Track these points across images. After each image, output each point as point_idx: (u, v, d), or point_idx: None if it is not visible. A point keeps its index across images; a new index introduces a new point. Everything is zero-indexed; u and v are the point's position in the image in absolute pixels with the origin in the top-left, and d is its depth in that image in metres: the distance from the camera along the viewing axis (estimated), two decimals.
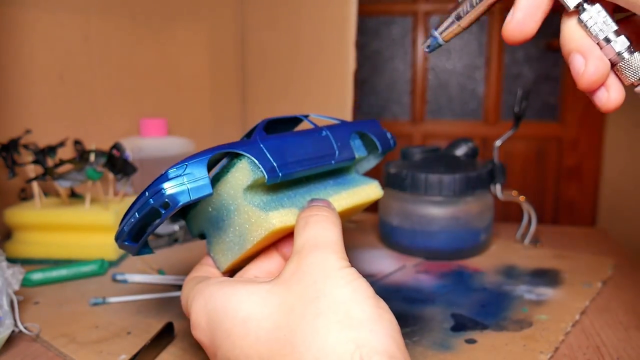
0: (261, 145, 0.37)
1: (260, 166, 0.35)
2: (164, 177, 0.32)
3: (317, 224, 0.33)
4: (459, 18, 0.30)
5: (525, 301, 0.51)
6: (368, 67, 1.77)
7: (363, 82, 1.78)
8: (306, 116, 0.43)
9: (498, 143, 0.67)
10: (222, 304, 0.31)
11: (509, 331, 0.44)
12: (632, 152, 1.56)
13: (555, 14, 0.30)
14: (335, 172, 0.43)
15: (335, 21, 0.94)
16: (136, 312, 0.48)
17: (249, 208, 0.36)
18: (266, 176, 0.35)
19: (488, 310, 0.49)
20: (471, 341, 0.43)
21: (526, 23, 0.27)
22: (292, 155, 0.38)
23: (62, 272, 0.55)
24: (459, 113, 1.73)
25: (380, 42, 1.76)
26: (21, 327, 0.43)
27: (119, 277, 0.56)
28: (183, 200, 0.32)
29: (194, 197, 0.32)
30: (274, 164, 0.36)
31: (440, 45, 0.33)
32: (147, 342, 0.40)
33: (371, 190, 0.43)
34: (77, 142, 0.68)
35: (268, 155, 0.36)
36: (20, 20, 0.71)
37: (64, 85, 0.77)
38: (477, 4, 0.30)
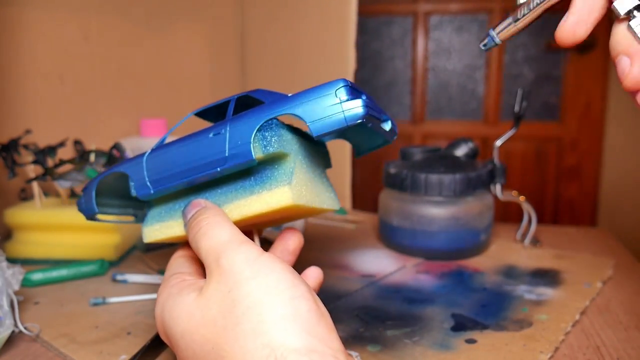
0: (143, 160, 0.38)
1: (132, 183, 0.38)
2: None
3: (203, 236, 0.33)
4: (516, 20, 0.32)
5: (525, 301, 0.51)
6: (368, 67, 1.77)
7: (363, 82, 1.78)
8: (244, 95, 0.38)
9: (498, 143, 0.67)
10: (168, 316, 0.32)
11: (509, 331, 0.44)
12: (632, 152, 1.56)
13: (556, 15, 0.30)
14: (250, 170, 0.36)
15: (335, 21, 0.94)
16: (136, 312, 0.48)
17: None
18: (136, 193, 0.38)
19: (488, 310, 0.49)
20: (471, 341, 0.43)
21: (579, 26, 0.29)
22: (171, 167, 0.37)
23: (62, 272, 0.55)
24: (459, 113, 1.73)
25: (380, 42, 1.76)
26: (21, 327, 0.43)
27: (119, 277, 0.56)
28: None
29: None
30: (146, 180, 0.38)
31: (496, 45, 0.34)
32: (147, 342, 0.40)
33: (276, 197, 0.34)
34: (77, 142, 0.68)
35: (144, 172, 0.38)
36: (20, 20, 0.71)
37: (63, 85, 0.77)
38: (535, 7, 0.31)
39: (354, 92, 0.33)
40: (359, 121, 0.31)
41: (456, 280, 0.56)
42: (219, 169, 0.34)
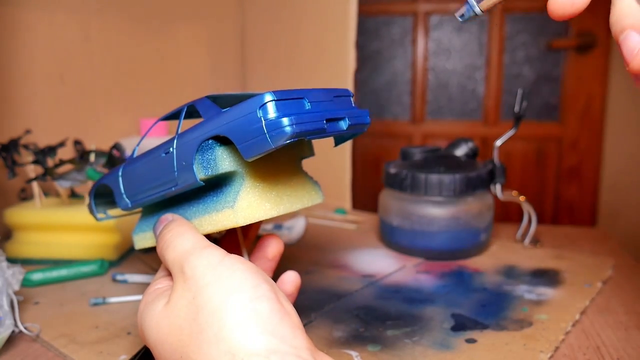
0: (119, 175, 0.39)
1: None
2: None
3: (167, 248, 0.33)
4: None
5: (525, 301, 0.51)
6: (368, 67, 1.77)
7: (363, 82, 1.78)
8: (198, 101, 0.36)
9: (498, 143, 0.67)
10: (144, 326, 0.32)
11: (509, 331, 0.44)
12: (632, 152, 1.56)
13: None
14: (218, 185, 0.35)
15: (335, 21, 0.94)
16: (136, 312, 0.48)
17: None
18: (118, 205, 0.39)
19: (488, 310, 0.49)
20: (471, 341, 0.43)
21: None
22: (139, 184, 0.37)
23: (62, 272, 0.55)
24: (459, 113, 1.73)
25: (380, 42, 1.76)
26: (21, 327, 0.43)
27: (119, 277, 0.56)
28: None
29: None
30: (123, 194, 0.39)
31: (476, 16, 0.30)
32: None
33: (223, 219, 0.34)
34: (77, 142, 0.68)
35: (121, 186, 0.39)
36: (20, 20, 0.71)
37: (64, 86, 0.77)
38: None
39: (283, 107, 0.29)
40: (289, 141, 0.28)
41: (456, 280, 0.56)
42: (173, 189, 0.35)
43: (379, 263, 0.62)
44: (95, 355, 0.40)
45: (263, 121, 0.29)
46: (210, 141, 0.32)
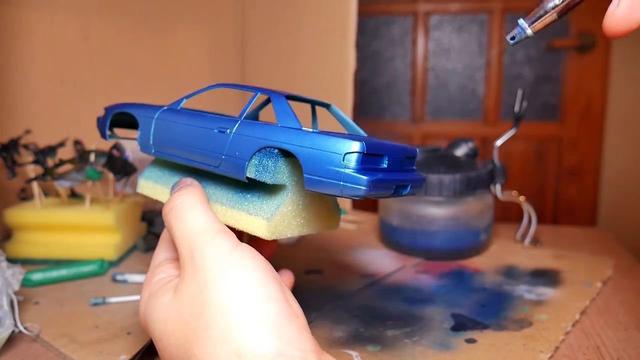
0: (153, 119, 0.37)
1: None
2: None
3: (175, 219, 0.31)
4: (555, 7, 0.28)
5: (525, 301, 0.51)
6: (368, 67, 1.77)
7: (363, 82, 1.78)
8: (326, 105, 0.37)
9: (498, 143, 0.67)
10: (149, 319, 0.31)
11: (509, 331, 0.44)
12: (632, 152, 1.56)
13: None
14: (259, 186, 0.35)
15: (335, 21, 0.94)
16: (136, 312, 0.48)
17: None
18: (139, 145, 0.38)
19: (488, 310, 0.49)
20: (471, 340, 0.43)
21: (636, 11, 0.24)
22: (174, 141, 0.35)
23: (62, 272, 0.55)
24: (459, 113, 1.73)
25: (380, 42, 1.76)
26: (21, 328, 0.43)
27: (119, 277, 0.56)
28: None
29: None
30: (151, 140, 0.37)
31: (527, 37, 0.29)
32: (147, 342, 0.40)
33: (253, 225, 0.33)
34: (77, 142, 0.68)
35: (151, 130, 0.37)
36: (20, 20, 0.71)
37: (64, 86, 0.77)
38: None
39: (367, 161, 0.28)
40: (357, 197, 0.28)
41: (456, 280, 0.56)
42: (211, 168, 0.33)
43: (379, 263, 0.62)
44: (95, 355, 0.40)
45: (343, 170, 0.27)
46: (276, 150, 0.31)
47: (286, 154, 0.32)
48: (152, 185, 0.40)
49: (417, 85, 1.75)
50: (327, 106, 0.40)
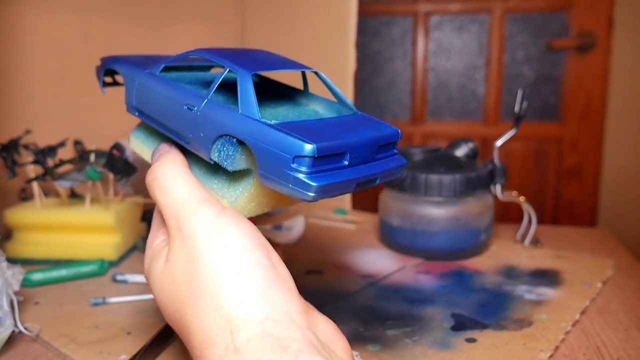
0: (135, 83, 0.36)
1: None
2: None
3: (158, 189, 0.32)
4: None
5: (526, 301, 0.51)
6: (368, 67, 1.77)
7: (363, 82, 1.78)
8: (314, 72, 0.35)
9: (498, 143, 0.67)
10: (150, 281, 0.32)
11: (509, 330, 0.44)
12: (632, 152, 1.56)
13: (556, 14, 0.29)
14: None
15: (335, 21, 0.94)
16: (136, 312, 0.48)
17: None
18: (125, 104, 0.37)
19: (488, 310, 0.49)
20: (471, 340, 0.43)
21: None
22: (152, 107, 0.35)
23: (62, 272, 0.55)
24: (459, 113, 1.73)
25: (380, 42, 1.76)
26: (21, 328, 0.43)
27: (119, 277, 0.56)
28: None
29: None
30: (133, 102, 0.37)
31: None
32: (147, 342, 0.40)
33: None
34: (77, 142, 0.68)
35: (134, 93, 0.37)
36: (20, 20, 0.71)
37: (64, 85, 0.77)
38: None
39: (321, 163, 0.27)
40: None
41: (456, 281, 0.56)
42: (184, 143, 0.33)
43: (379, 263, 0.62)
44: (95, 355, 0.40)
45: (292, 173, 0.27)
46: (235, 140, 0.30)
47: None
48: (140, 144, 0.40)
49: (417, 85, 1.75)
50: (315, 73, 0.38)
